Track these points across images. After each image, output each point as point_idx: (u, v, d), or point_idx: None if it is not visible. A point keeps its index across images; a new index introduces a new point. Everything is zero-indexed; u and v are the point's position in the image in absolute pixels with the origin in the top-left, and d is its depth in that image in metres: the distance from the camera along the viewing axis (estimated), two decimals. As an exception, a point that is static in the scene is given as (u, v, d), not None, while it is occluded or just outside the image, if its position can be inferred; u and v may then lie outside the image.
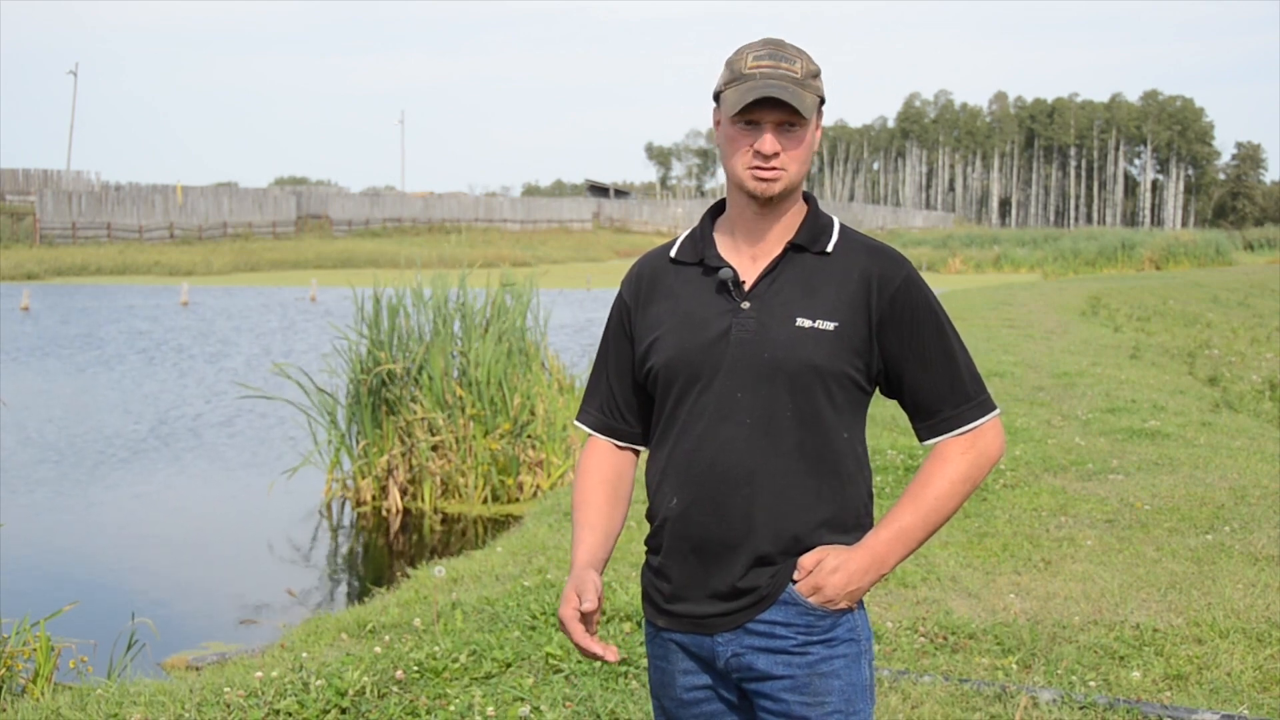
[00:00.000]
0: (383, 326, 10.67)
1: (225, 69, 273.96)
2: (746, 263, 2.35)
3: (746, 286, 2.32)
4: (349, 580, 8.78)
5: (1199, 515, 7.20)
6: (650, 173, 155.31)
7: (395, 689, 4.58)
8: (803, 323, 2.26)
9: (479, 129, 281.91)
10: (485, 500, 10.29)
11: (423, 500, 10.29)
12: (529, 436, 10.45)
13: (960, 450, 2.30)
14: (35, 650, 5.52)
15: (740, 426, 2.28)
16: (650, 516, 2.41)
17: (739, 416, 2.28)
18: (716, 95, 2.32)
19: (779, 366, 2.26)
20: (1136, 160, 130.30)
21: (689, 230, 2.45)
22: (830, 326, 2.26)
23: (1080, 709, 4.34)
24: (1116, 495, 7.75)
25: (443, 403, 10.35)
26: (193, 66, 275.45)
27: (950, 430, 2.31)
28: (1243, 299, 26.67)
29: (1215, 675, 4.68)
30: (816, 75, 2.29)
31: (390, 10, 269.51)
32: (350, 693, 4.52)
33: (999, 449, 2.33)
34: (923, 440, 2.34)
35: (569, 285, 37.16)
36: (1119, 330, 19.79)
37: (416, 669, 4.78)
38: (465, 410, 10.28)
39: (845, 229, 2.37)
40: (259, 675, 4.70)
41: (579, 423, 2.52)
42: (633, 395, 2.45)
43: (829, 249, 2.32)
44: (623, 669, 4.77)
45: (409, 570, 7.86)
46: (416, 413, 10.29)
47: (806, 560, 2.27)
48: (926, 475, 2.30)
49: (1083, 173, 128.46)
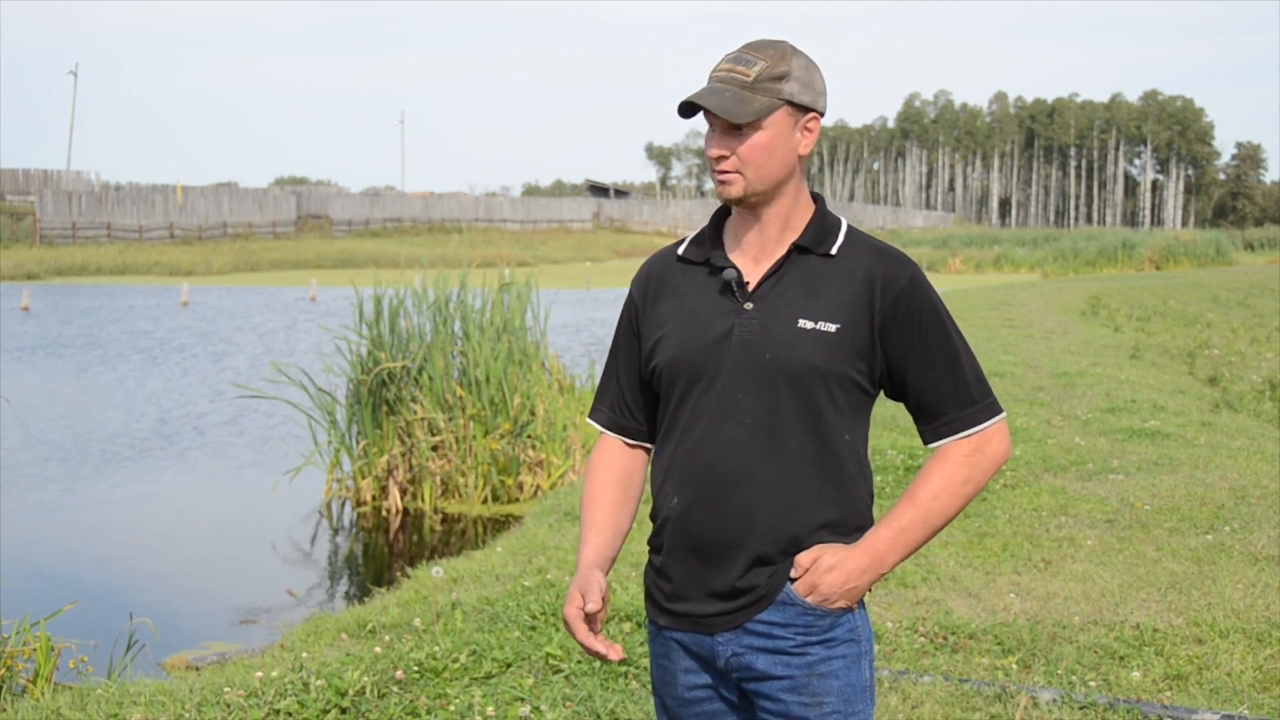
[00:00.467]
0: (383, 326, 10.68)
1: (225, 69, 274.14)
2: (750, 264, 2.35)
3: (750, 287, 2.32)
4: (349, 580, 8.78)
5: (1199, 515, 7.20)
6: (650, 173, 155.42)
7: (395, 689, 4.58)
8: (805, 324, 2.26)
9: (479, 129, 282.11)
10: (485, 500, 10.29)
11: (423, 500, 10.29)
12: (529, 436, 10.45)
13: (963, 453, 2.29)
14: (35, 650, 5.52)
15: (741, 427, 2.28)
16: (653, 516, 2.42)
17: (740, 417, 2.28)
18: None
19: (780, 368, 2.26)
20: (1136, 160, 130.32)
21: (698, 230, 2.46)
22: (832, 328, 2.26)
23: (1080, 709, 4.34)
24: (1116, 495, 7.75)
25: (443, 403, 10.35)
26: (193, 66, 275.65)
27: (953, 434, 2.30)
28: (1243, 299, 26.68)
29: (1215, 675, 4.68)
30: (781, 78, 2.25)
31: (390, 10, 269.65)
32: (350, 693, 4.52)
33: (1003, 453, 2.32)
34: (927, 443, 2.33)
35: (569, 285, 37.16)
36: (1119, 330, 19.79)
37: (416, 669, 4.78)
38: (465, 410, 10.28)
39: (853, 231, 2.36)
40: (259, 675, 4.70)
41: (591, 420, 2.53)
42: (641, 394, 2.46)
43: (833, 251, 2.31)
44: (623, 669, 4.77)
45: (409, 570, 7.86)
46: (416, 413, 10.29)
47: (803, 559, 2.27)
48: (927, 476, 2.29)
49: (1083, 173, 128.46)
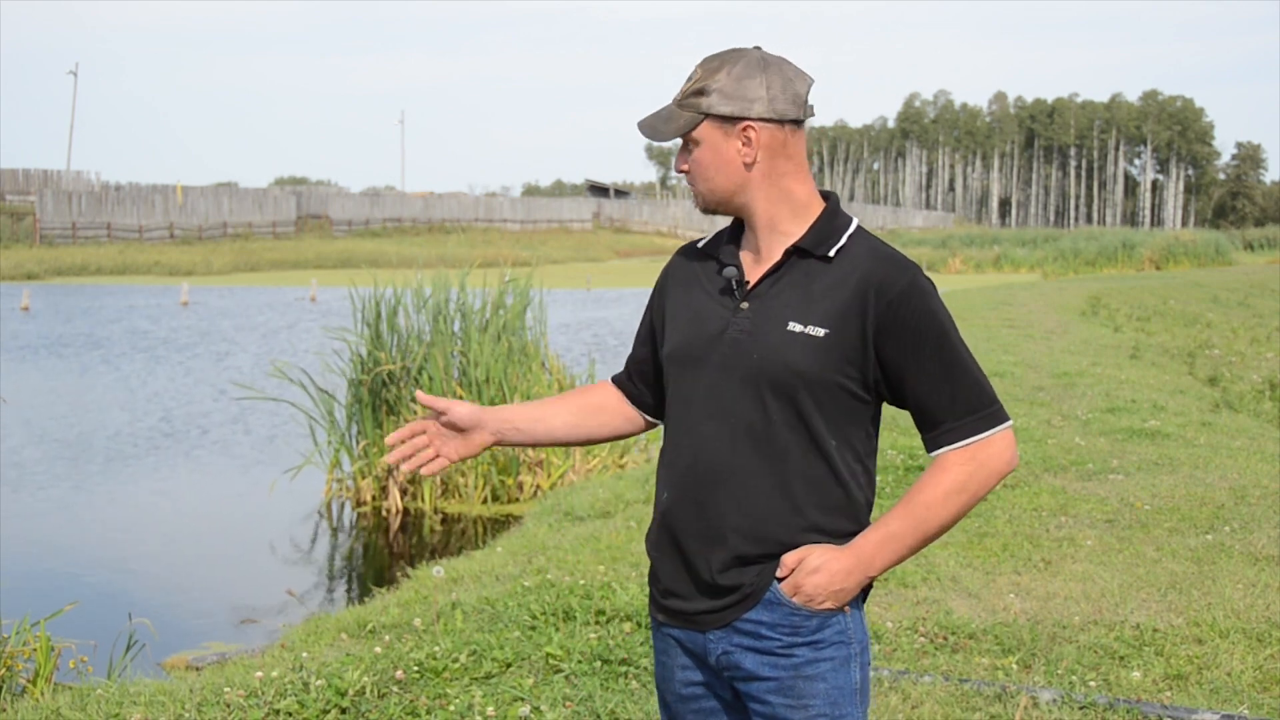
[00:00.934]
0: (383, 327, 10.67)
1: (225, 69, 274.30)
2: (752, 264, 2.36)
3: (749, 287, 2.33)
4: (349, 580, 8.78)
5: (1199, 515, 7.20)
6: (650, 173, 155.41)
7: (395, 689, 4.58)
8: (794, 327, 2.25)
9: (479, 129, 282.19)
10: (485, 500, 10.29)
11: (423, 500, 10.29)
12: (529, 436, 10.44)
13: (958, 462, 2.25)
14: (35, 650, 5.52)
15: (724, 426, 2.29)
16: (654, 511, 2.46)
17: (724, 415, 2.29)
18: None
19: (764, 369, 2.26)
20: (1136, 160, 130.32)
21: (723, 227, 2.49)
22: (820, 333, 2.24)
23: (1080, 709, 4.34)
24: (1116, 495, 7.75)
25: (443, 403, 10.33)
26: (193, 66, 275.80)
27: (951, 443, 2.26)
28: (1243, 299, 26.68)
29: (1215, 675, 4.68)
30: (701, 93, 2.26)
31: (390, 10, 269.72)
32: (350, 693, 4.52)
33: (1005, 462, 2.27)
34: (928, 451, 2.30)
35: (569, 285, 37.15)
36: (1119, 330, 19.79)
37: (416, 669, 4.77)
38: (465, 410, 10.27)
39: (859, 233, 2.33)
40: (259, 675, 4.70)
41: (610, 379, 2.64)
42: (647, 368, 2.53)
43: (831, 253, 2.29)
44: (622, 669, 4.77)
45: (409, 570, 7.86)
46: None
47: (789, 559, 2.26)
48: (921, 483, 2.27)
49: (1083, 173, 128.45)
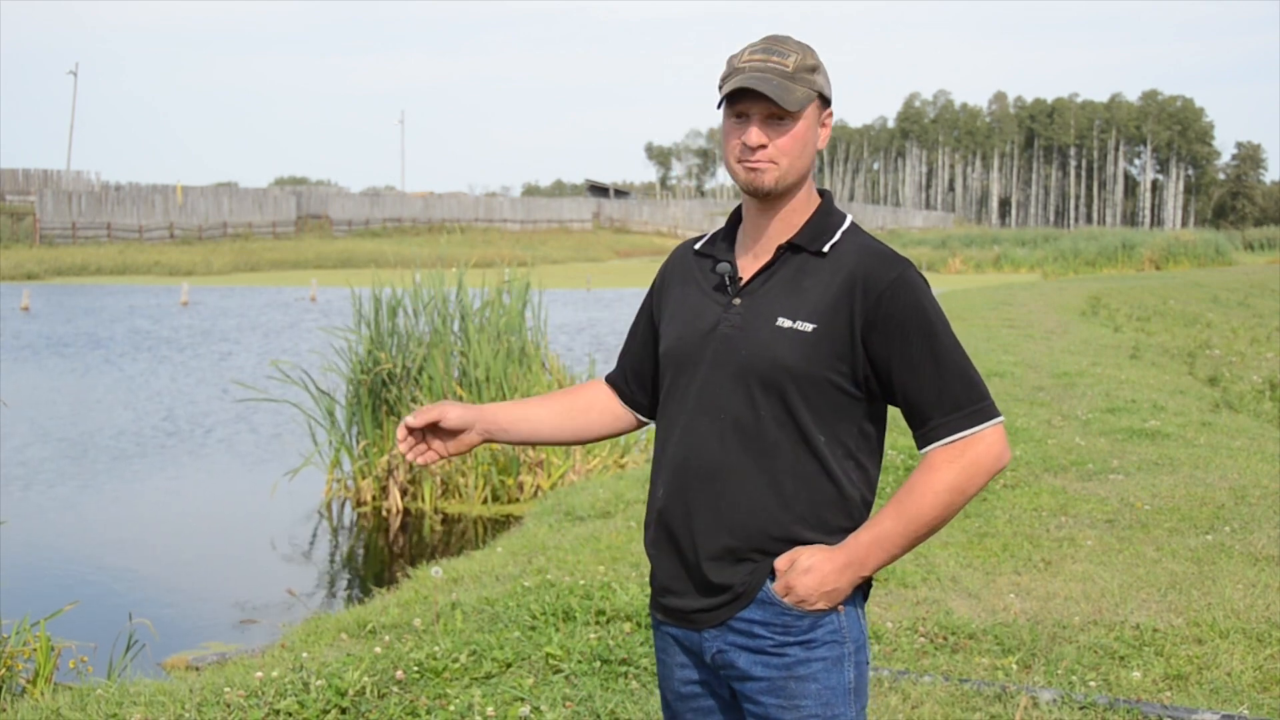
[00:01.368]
0: (383, 327, 10.67)
1: (225, 69, 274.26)
2: (749, 260, 2.36)
3: (742, 283, 2.33)
4: (349, 580, 8.78)
5: (1199, 515, 7.20)
6: (650, 173, 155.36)
7: (395, 689, 4.58)
8: (783, 323, 2.26)
9: (479, 129, 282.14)
10: (485, 500, 10.29)
11: (423, 500, 10.29)
12: (529, 436, 10.44)
13: (947, 459, 2.23)
14: (35, 650, 5.53)
15: (716, 422, 2.29)
16: (647, 508, 2.46)
17: (716, 412, 2.29)
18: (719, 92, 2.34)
19: (752, 365, 2.26)
20: (1136, 160, 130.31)
21: (720, 227, 2.49)
22: (809, 328, 2.24)
23: (1080, 709, 4.34)
24: (1116, 495, 7.75)
25: (443, 403, 10.34)
26: (193, 66, 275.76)
27: (938, 439, 2.24)
28: (1243, 299, 26.68)
29: (1215, 675, 4.68)
30: (814, 70, 2.28)
31: (390, 10, 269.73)
32: (350, 693, 4.52)
33: (995, 459, 2.24)
34: (918, 448, 2.29)
35: (569, 285, 37.15)
36: (1119, 330, 19.79)
37: (416, 669, 4.77)
38: (465, 410, 10.27)
39: (853, 229, 2.34)
40: (259, 675, 4.70)
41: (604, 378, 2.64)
42: (642, 366, 2.54)
43: (825, 249, 2.30)
44: (622, 669, 4.77)
45: (409, 570, 7.86)
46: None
47: (780, 561, 2.26)
48: (912, 482, 2.26)
49: (1083, 173, 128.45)
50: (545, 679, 4.69)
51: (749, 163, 2.27)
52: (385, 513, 10.16)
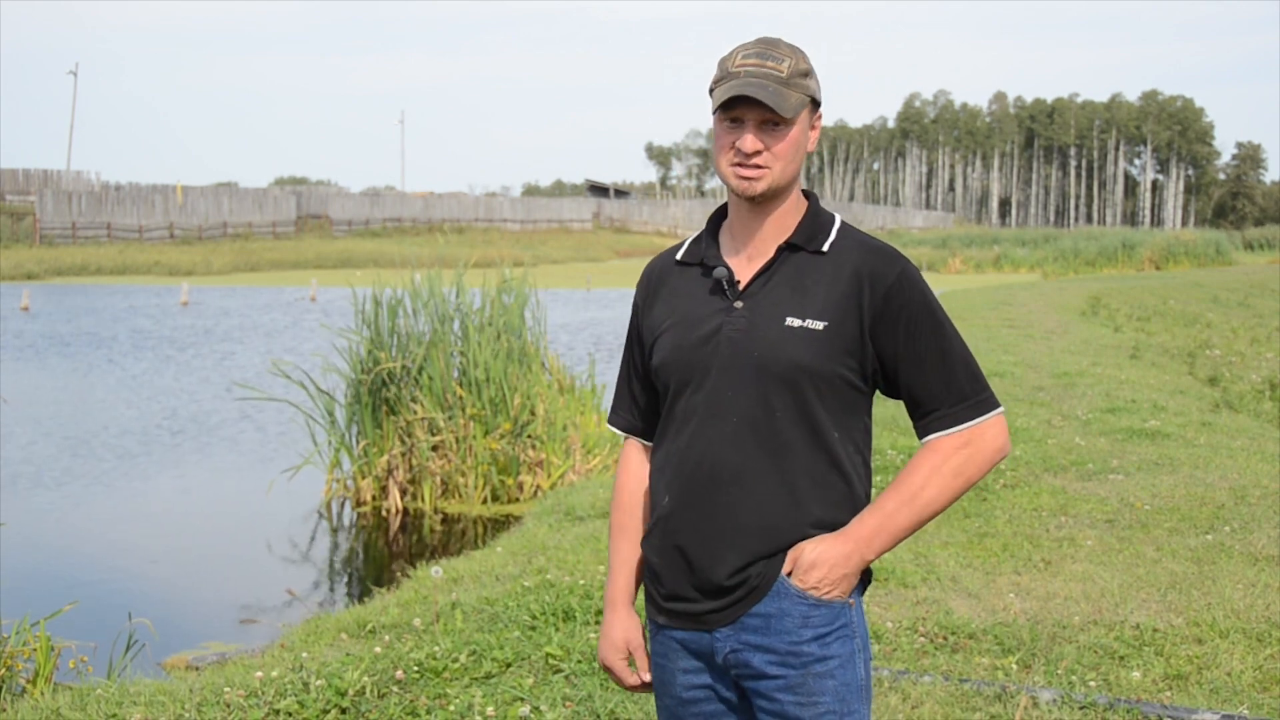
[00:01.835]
0: (383, 326, 10.67)
1: (225, 69, 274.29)
2: (743, 263, 2.36)
3: (741, 286, 2.33)
4: (349, 580, 8.78)
5: (1199, 515, 7.20)
6: (650, 173, 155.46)
7: (395, 689, 4.58)
8: (792, 322, 2.26)
9: (479, 129, 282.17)
10: (485, 500, 10.29)
11: (423, 500, 10.29)
12: (529, 436, 10.45)
13: (953, 447, 2.28)
14: (35, 650, 5.53)
15: (729, 426, 2.28)
16: (650, 514, 2.43)
17: (729, 416, 2.29)
18: (711, 94, 2.34)
19: (767, 366, 2.26)
20: (1136, 160, 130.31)
21: (697, 234, 2.47)
22: (820, 326, 2.26)
23: (1080, 709, 4.34)
24: (1116, 495, 7.75)
25: (443, 403, 10.35)
26: (193, 66, 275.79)
27: (943, 429, 2.29)
28: (1243, 299, 26.68)
29: (1215, 675, 4.68)
30: (807, 75, 2.29)
31: (390, 10, 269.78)
32: (350, 693, 4.52)
33: (997, 449, 2.30)
34: (920, 438, 2.33)
35: (569, 285, 37.15)
36: (1119, 330, 19.79)
37: (416, 669, 4.78)
38: (465, 410, 10.28)
39: (845, 227, 2.36)
40: (259, 675, 4.70)
41: (610, 425, 2.57)
42: (652, 396, 2.49)
43: (825, 248, 2.32)
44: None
45: (409, 570, 7.86)
46: (416, 413, 10.29)
47: (788, 555, 2.28)
48: (914, 467, 2.29)
49: (1083, 173, 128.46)
50: (545, 679, 4.69)
51: (743, 169, 2.27)
52: (385, 513, 10.16)
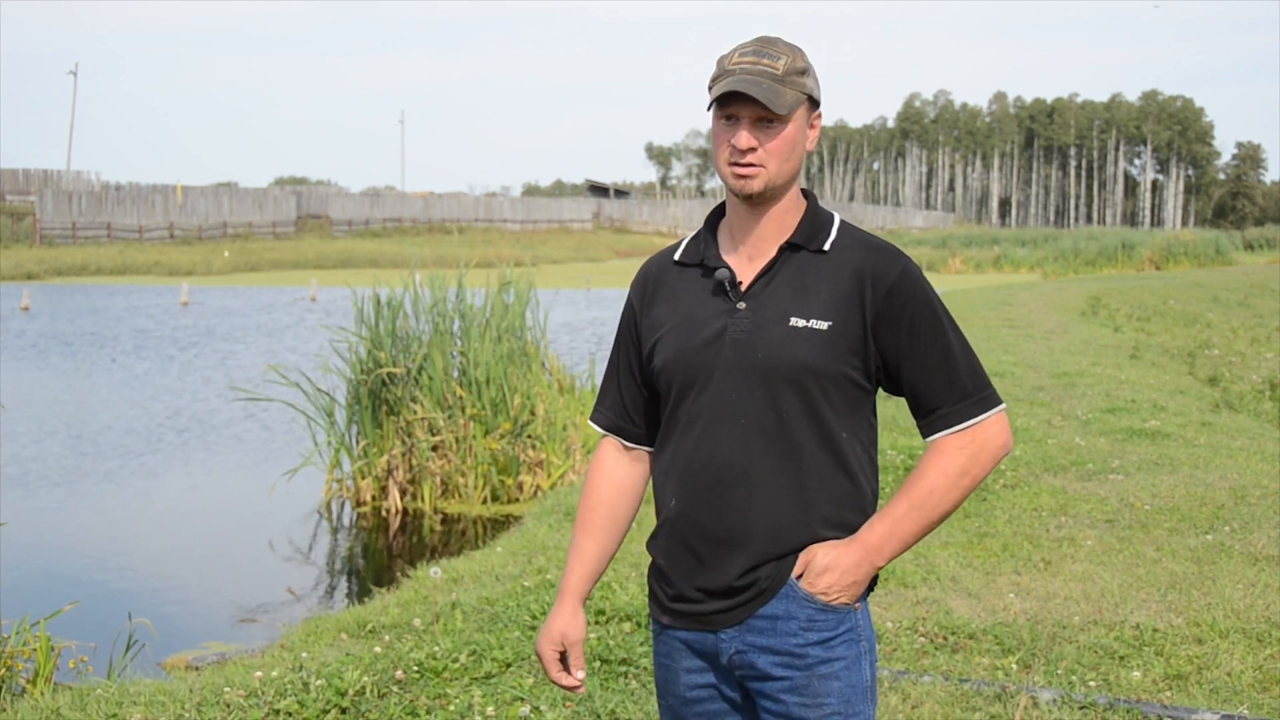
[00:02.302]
0: (383, 327, 10.67)
1: (225, 69, 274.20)
2: (744, 263, 2.35)
3: (743, 287, 2.33)
4: (349, 580, 8.78)
5: (1199, 515, 7.20)
6: (650, 173, 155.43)
7: (395, 689, 4.58)
8: (796, 322, 2.26)
9: (479, 129, 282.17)
10: (485, 500, 10.29)
11: (423, 500, 10.29)
12: (529, 436, 10.45)
13: (957, 445, 2.28)
14: (35, 650, 5.53)
15: (735, 427, 2.28)
16: (656, 516, 2.43)
17: (734, 417, 2.28)
18: (709, 93, 2.34)
19: (773, 367, 2.26)
20: (1136, 160, 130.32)
21: (694, 233, 2.47)
22: (824, 326, 2.26)
23: (1080, 709, 4.34)
24: (1116, 495, 7.75)
25: (443, 403, 10.35)
26: (193, 66, 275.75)
27: (948, 427, 2.29)
28: (1243, 299, 26.67)
29: (1215, 675, 4.68)
30: (803, 73, 2.28)
31: (390, 10, 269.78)
32: (350, 693, 4.52)
33: (1001, 445, 2.30)
34: (924, 437, 2.33)
35: (569, 285, 37.15)
36: (1119, 330, 19.79)
37: (416, 669, 4.78)
38: (465, 410, 10.28)
39: (845, 226, 2.36)
40: (259, 675, 4.70)
41: (591, 422, 2.56)
42: (640, 397, 2.48)
43: (826, 247, 2.32)
44: (622, 669, 4.77)
45: (409, 570, 7.86)
46: (416, 413, 10.29)
47: (798, 560, 2.28)
48: (922, 470, 2.29)
49: (1083, 173, 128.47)
50: (545, 679, 4.69)
51: (738, 167, 2.27)
52: (385, 513, 10.16)
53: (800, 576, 2.27)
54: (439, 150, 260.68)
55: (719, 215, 2.44)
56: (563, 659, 2.46)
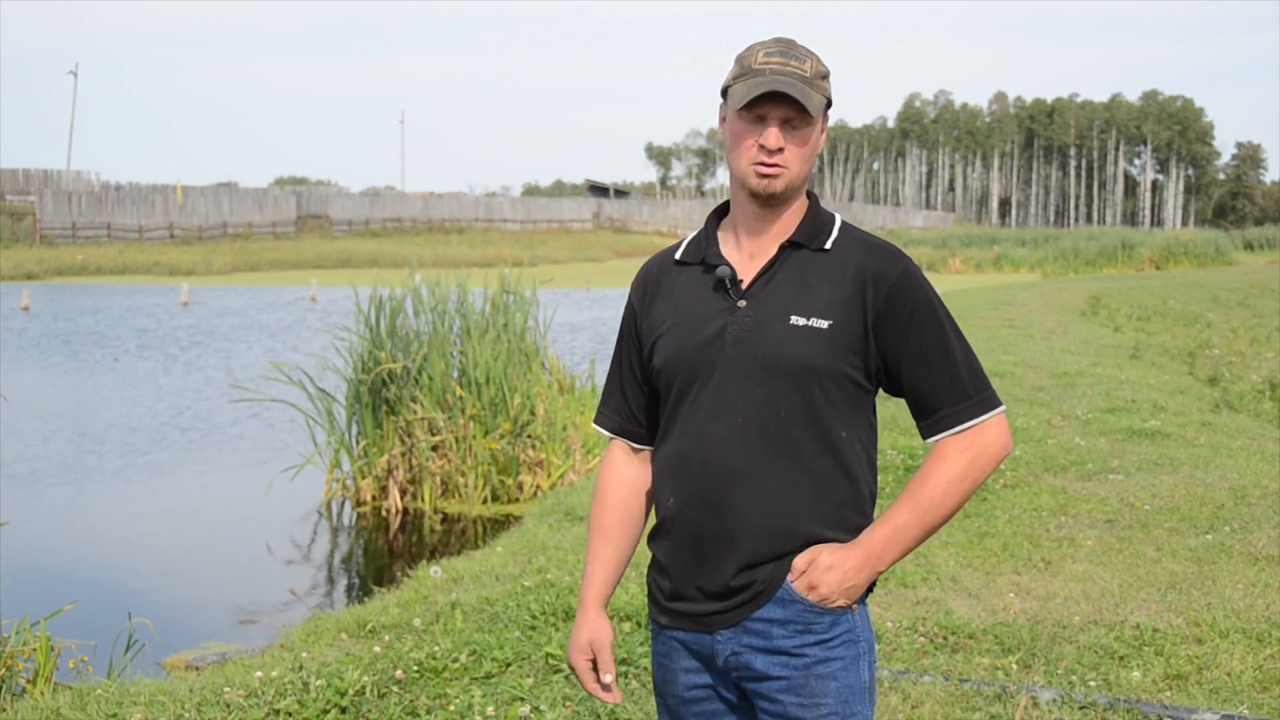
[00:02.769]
0: (383, 326, 10.68)
1: (225, 69, 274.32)
2: (746, 261, 2.35)
3: (744, 285, 2.33)
4: (349, 580, 8.78)
5: (1199, 515, 7.20)
6: (650, 173, 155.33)
7: (395, 689, 4.58)
8: (797, 321, 2.26)
9: (479, 129, 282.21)
10: (485, 500, 10.29)
11: (423, 500, 10.29)
12: (529, 436, 10.45)
13: (959, 449, 2.28)
14: (35, 650, 5.53)
15: (734, 425, 2.28)
16: (655, 515, 2.43)
17: (734, 415, 2.28)
18: (724, 91, 2.33)
19: (773, 365, 2.26)
20: (1136, 160, 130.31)
21: (695, 232, 2.47)
22: (824, 325, 2.26)
23: (1080, 709, 4.34)
24: (1116, 495, 7.75)
25: (443, 403, 10.35)
26: (193, 66, 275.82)
27: (949, 428, 2.28)
28: (1243, 299, 26.67)
29: (1215, 675, 4.68)
30: (825, 77, 2.30)
31: (390, 10, 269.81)
32: (350, 693, 4.52)
33: (1001, 447, 2.30)
34: (925, 438, 2.33)
35: (569, 285, 37.14)
36: (1119, 330, 19.79)
37: (416, 669, 4.78)
38: (465, 410, 10.28)
39: (846, 226, 2.36)
40: (259, 675, 4.70)
41: (596, 425, 2.55)
42: (644, 397, 2.47)
43: (827, 246, 2.32)
44: (622, 669, 4.77)
45: (409, 570, 7.86)
46: (416, 413, 10.29)
47: (799, 561, 2.27)
48: (924, 474, 2.29)
49: (1083, 173, 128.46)
50: (545, 679, 4.69)
51: (764, 166, 2.27)
52: (385, 513, 10.16)
53: (801, 575, 2.27)
54: (439, 150, 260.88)
55: (721, 214, 2.44)
56: (595, 668, 2.46)
